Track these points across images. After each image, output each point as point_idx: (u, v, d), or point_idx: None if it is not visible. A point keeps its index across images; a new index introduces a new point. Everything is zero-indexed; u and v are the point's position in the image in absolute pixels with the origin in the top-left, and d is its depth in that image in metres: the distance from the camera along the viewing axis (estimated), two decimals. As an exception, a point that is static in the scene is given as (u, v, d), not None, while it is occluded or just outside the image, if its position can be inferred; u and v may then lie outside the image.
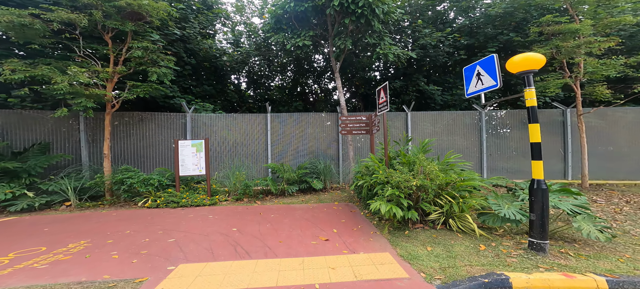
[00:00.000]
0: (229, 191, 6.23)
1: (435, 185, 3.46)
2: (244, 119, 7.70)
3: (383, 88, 4.66)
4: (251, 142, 7.74)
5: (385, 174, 3.84)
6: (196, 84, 8.92)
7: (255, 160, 7.70)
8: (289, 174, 6.82)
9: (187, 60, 8.37)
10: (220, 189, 6.29)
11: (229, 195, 6.21)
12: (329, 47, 8.02)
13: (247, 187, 5.98)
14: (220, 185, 6.52)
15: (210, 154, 7.33)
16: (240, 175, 6.14)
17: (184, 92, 8.43)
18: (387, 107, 4.43)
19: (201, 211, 5.23)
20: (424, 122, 8.34)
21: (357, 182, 4.89)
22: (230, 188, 6.18)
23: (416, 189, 3.47)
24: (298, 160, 8.13)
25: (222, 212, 5.17)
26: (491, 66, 3.23)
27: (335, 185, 8.10)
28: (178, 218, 4.77)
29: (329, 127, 8.38)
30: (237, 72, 10.95)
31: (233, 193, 6.19)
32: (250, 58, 11.39)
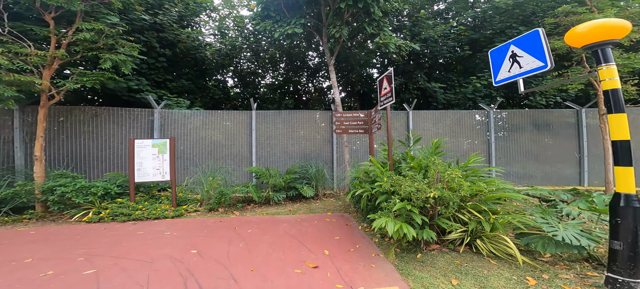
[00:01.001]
0: (200, 200, 5.25)
1: (459, 196, 2.63)
2: (225, 117, 6.76)
3: (386, 77, 3.84)
4: (233, 143, 6.79)
5: (391, 182, 2.99)
6: (173, 78, 7.94)
7: (237, 163, 6.75)
8: (275, 179, 5.91)
9: (161, 50, 7.39)
10: (190, 197, 5.29)
11: (200, 204, 5.22)
12: (322, 38, 7.21)
13: (222, 195, 5.02)
14: (191, 192, 5.52)
15: (182, 156, 6.32)
16: (213, 181, 5.17)
17: (157, 87, 7.44)
18: (392, 98, 3.60)
19: (158, 225, 4.22)
20: (426, 122, 7.58)
21: (354, 191, 4.03)
22: (202, 196, 5.20)
23: (434, 202, 2.62)
24: (287, 163, 7.22)
25: (186, 227, 4.19)
26: (535, 43, 2.44)
27: (329, 192, 7.22)
28: (119, 237, 3.74)
29: (322, 126, 7.52)
30: (223, 68, 10.03)
31: (206, 202, 5.21)
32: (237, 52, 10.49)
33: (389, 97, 3.73)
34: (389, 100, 3.70)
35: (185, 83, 7.99)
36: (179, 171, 6.27)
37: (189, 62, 8.58)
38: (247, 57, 11.85)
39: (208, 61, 8.91)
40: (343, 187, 7.24)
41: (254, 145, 6.80)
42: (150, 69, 7.38)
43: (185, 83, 7.99)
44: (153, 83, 7.36)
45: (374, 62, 10.22)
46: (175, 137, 6.01)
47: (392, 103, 3.60)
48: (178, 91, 7.86)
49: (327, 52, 6.95)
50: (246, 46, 11.05)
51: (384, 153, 4.27)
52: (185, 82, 7.96)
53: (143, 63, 7.00)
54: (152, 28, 7.27)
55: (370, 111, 5.36)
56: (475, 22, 8.15)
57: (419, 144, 3.97)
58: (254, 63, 11.75)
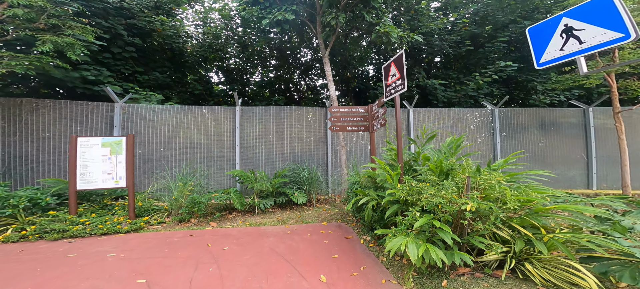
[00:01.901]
0: (168, 210, 4.38)
1: (504, 209, 1.98)
2: (204, 113, 5.91)
3: (395, 61, 3.19)
4: (214, 143, 5.94)
5: (408, 189, 2.32)
6: (144, 71, 7.00)
7: (218, 166, 5.91)
8: (261, 184, 5.13)
9: (129, 39, 6.46)
10: (155, 207, 4.41)
11: (168, 214, 4.35)
12: (316, 28, 6.54)
13: (195, 203, 4.17)
14: (158, 200, 4.63)
15: (151, 158, 5.39)
16: (185, 187, 4.32)
17: (125, 80, 6.51)
18: (404, 86, 2.94)
19: (103, 244, 3.33)
20: (427, 121, 7.04)
21: (356, 199, 3.33)
22: (170, 205, 4.33)
23: (470, 217, 1.96)
24: (276, 165, 6.45)
25: (142, 245, 3.32)
26: (605, 10, 1.83)
27: (323, 197, 6.50)
28: (39, 262, 2.85)
29: (316, 124, 6.81)
30: (206, 62, 9.16)
31: (175, 213, 4.34)
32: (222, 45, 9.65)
33: (398, 86, 3.08)
34: (399, 89, 3.04)
35: (159, 77, 7.07)
36: (145, 176, 5.34)
37: (165, 53, 7.68)
38: (234, 53, 11.03)
39: (187, 53, 8.02)
40: (339, 192, 6.54)
41: (238, 145, 5.98)
42: (116, 59, 6.43)
43: (159, 77, 7.07)
44: (119, 75, 6.43)
45: (370, 59, 9.66)
46: (143, 136, 5.14)
47: (403, 91, 2.94)
48: (150, 85, 6.94)
49: (321, 44, 6.28)
50: (234, 41, 10.24)
51: (390, 154, 3.61)
52: (159, 75, 7.03)
53: (105, 52, 6.06)
54: (119, 13, 6.35)
55: (371, 105, 4.71)
56: (477, 17, 7.73)
57: (432, 143, 3.33)
58: (242, 58, 10.94)
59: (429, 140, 3.26)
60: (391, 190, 2.49)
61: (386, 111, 3.92)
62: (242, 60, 11.11)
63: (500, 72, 7.21)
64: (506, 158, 2.58)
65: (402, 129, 7.11)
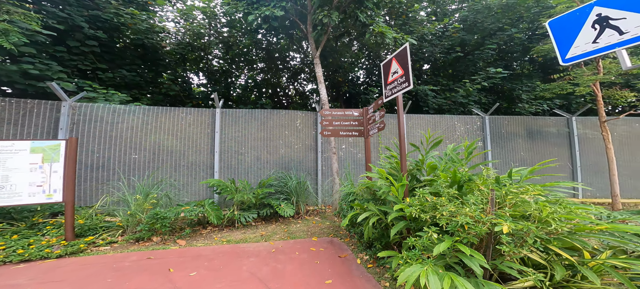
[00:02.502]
0: (123, 227, 3.65)
1: (543, 229, 1.63)
2: (178, 115, 5.23)
3: (397, 56, 2.84)
4: (190, 149, 5.26)
5: (420, 204, 1.92)
6: (109, 68, 6.20)
7: (194, 175, 5.22)
8: (242, 195, 4.54)
9: (90, 32, 5.68)
10: (105, 224, 3.65)
11: (123, 232, 3.62)
12: (307, 27, 6.18)
13: (158, 219, 3.50)
14: (110, 216, 3.87)
15: (106, 166, 4.57)
16: (144, 200, 3.64)
17: (83, 77, 5.70)
18: (409, 83, 2.58)
19: (19, 274, 2.60)
20: (419, 127, 6.84)
21: (352, 213, 2.89)
22: (125, 221, 3.60)
23: (506, 238, 1.57)
24: (261, 173, 5.88)
25: (75, 273, 2.61)
26: None
27: (312, 208, 6.01)
28: None
29: (305, 130, 6.36)
30: (185, 62, 8.45)
31: (131, 230, 3.62)
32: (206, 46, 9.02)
33: (402, 83, 2.72)
34: (403, 87, 2.69)
35: (127, 75, 6.27)
36: (99, 188, 4.51)
37: (137, 50, 6.92)
38: (218, 55, 10.39)
39: (163, 51, 7.30)
40: (330, 203, 6.08)
41: (217, 151, 5.35)
42: (73, 54, 5.62)
43: (127, 75, 6.27)
44: (76, 71, 5.61)
45: (361, 64, 9.46)
46: (99, 140, 4.39)
47: (408, 89, 2.59)
48: (115, 84, 6.14)
49: (312, 44, 5.91)
50: (218, 41, 9.62)
51: (390, 161, 3.23)
52: (126, 73, 6.23)
53: (57, 44, 5.25)
54: (80, 3, 5.58)
55: (366, 108, 4.34)
56: (466, 23, 7.80)
57: (436, 150, 2.99)
58: (227, 60, 10.32)
59: (434, 146, 2.91)
60: (400, 205, 2.08)
61: (384, 114, 3.56)
62: (226, 62, 10.49)
63: (490, 78, 7.25)
64: (532, 167, 2.27)
65: (393, 136, 6.86)
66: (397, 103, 2.75)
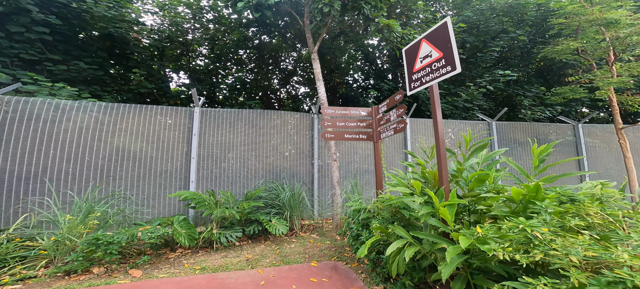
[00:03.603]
0: (52, 255, 2.64)
1: None
2: (146, 114, 4.31)
3: (429, 37, 2.21)
4: (160, 154, 4.32)
5: (504, 236, 1.23)
6: (63, 59, 5.18)
7: (165, 187, 4.27)
8: (223, 210, 3.68)
9: (40, 17, 4.69)
10: (23, 251, 2.63)
11: (49, 263, 2.61)
12: (304, 20, 5.53)
13: (100, 245, 2.54)
14: (28, 241, 2.82)
15: (38, 177, 3.46)
16: (79, 220, 2.67)
17: (27, 68, 4.67)
18: (454, 66, 1.93)
19: None
20: (425, 133, 6.31)
21: (372, 239, 2.16)
22: (51, 249, 2.58)
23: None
24: (248, 183, 5.04)
25: None
26: None
27: (308, 221, 5.22)
28: None
29: (300, 133, 5.62)
30: (163, 57, 7.51)
31: (60, 259, 2.61)
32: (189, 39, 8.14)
33: (442, 68, 2.07)
34: (442, 73, 2.04)
35: (85, 68, 5.24)
36: (18, 203, 3.43)
37: (103, 41, 5.93)
38: (204, 53, 9.51)
39: (135, 43, 6.34)
40: (329, 216, 5.32)
41: (194, 157, 4.45)
42: (14, 41, 4.60)
43: (85, 68, 5.24)
44: (16, 60, 4.58)
45: (356, 67, 8.94)
46: (33, 143, 3.41)
47: (451, 75, 1.94)
48: (70, 78, 5.12)
49: (309, 38, 5.26)
50: (204, 38, 8.76)
51: (414, 171, 2.56)
52: (84, 66, 5.21)
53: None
54: None
55: (375, 107, 3.68)
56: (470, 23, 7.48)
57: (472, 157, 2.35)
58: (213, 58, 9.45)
59: (475, 152, 2.27)
60: (467, 239, 1.37)
61: (405, 111, 2.89)
62: (211, 61, 9.62)
63: (495, 82, 6.91)
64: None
65: (398, 143, 6.27)
66: (431, 96, 2.09)
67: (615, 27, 4.59)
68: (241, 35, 7.92)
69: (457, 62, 1.88)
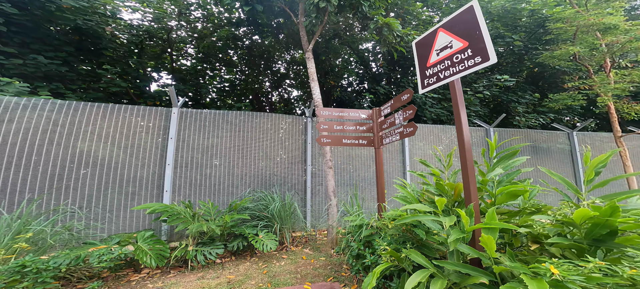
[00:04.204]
0: None
1: None
2: (108, 114, 3.72)
3: (449, 26, 1.88)
4: (128, 161, 3.74)
5: (590, 277, 0.87)
6: (20, 53, 4.52)
7: (133, 197, 3.70)
8: (201, 224, 3.17)
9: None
10: None
11: None
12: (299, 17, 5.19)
13: (27, 273, 1.96)
14: None
15: None
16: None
17: None
18: (486, 57, 1.60)
19: None
20: (418, 139, 6.05)
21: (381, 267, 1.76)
22: None
23: None
24: (234, 193, 4.54)
25: None
26: None
27: (300, 233, 4.76)
28: None
29: (292, 138, 5.19)
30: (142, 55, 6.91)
31: None
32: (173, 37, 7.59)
33: (468, 59, 1.73)
34: (468, 66, 1.70)
35: (45, 63, 4.57)
36: None
37: (71, 34, 5.29)
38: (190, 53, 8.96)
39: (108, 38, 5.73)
40: (323, 227, 4.89)
41: (170, 163, 3.91)
42: None
43: (45, 63, 4.57)
44: None
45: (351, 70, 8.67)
46: None
47: (485, 66, 1.60)
48: (24, 74, 4.47)
49: (303, 35, 4.89)
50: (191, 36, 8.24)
51: (425, 182, 2.20)
52: (44, 61, 4.55)
53: None
54: None
55: (377, 109, 3.33)
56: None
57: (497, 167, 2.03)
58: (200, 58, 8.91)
59: (502, 161, 1.94)
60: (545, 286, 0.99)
61: (414, 113, 2.54)
62: (199, 60, 9.07)
63: (492, 87, 6.81)
64: None
65: (396, 151, 5.96)
66: (452, 94, 1.75)
67: (614, 33, 4.54)
68: (230, 33, 7.47)
69: (491, 51, 1.55)
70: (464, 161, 1.56)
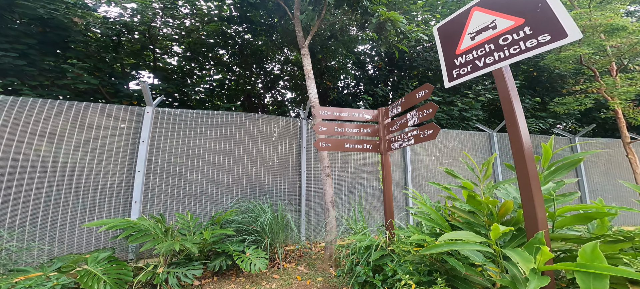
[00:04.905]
0: None
1: None
2: (64, 112, 3.12)
3: (486, 2, 1.51)
4: (91, 167, 3.15)
5: None
6: None
7: (94, 209, 3.10)
8: (171, 243, 2.63)
9: None
10: None
11: None
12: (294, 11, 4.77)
13: None
14: None
15: None
16: None
17: None
18: (565, 32, 1.20)
19: None
20: (421, 145, 5.70)
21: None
22: None
23: None
24: (220, 202, 4.00)
25: None
26: None
27: (293, 246, 4.26)
28: None
29: (285, 142, 4.71)
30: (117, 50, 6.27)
31: None
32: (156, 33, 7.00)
33: (523, 42, 1.31)
34: (527, 48, 1.29)
35: None
36: None
37: (29, 25, 4.64)
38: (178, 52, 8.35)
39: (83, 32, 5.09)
40: (319, 239, 4.40)
41: (140, 170, 3.33)
42: None
43: None
44: None
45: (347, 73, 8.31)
46: None
47: (551, 48, 1.20)
48: None
49: (299, 31, 4.46)
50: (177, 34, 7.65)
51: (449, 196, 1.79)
52: None
53: None
54: None
55: (383, 109, 2.91)
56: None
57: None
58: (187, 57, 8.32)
59: (558, 171, 1.54)
60: None
61: (434, 112, 2.12)
62: (186, 59, 8.47)
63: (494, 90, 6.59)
64: None
65: (397, 158, 5.57)
66: (500, 84, 1.34)
67: (619, 35, 4.35)
68: (219, 28, 6.95)
69: (569, 24, 1.14)
70: (524, 171, 1.15)
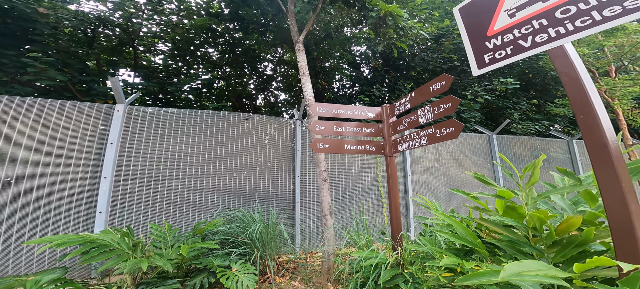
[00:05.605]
0: None
1: None
2: (13, 110, 2.67)
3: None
4: (46, 173, 2.66)
5: None
6: None
7: (48, 222, 2.62)
8: (137, 261, 2.20)
9: None
10: None
11: None
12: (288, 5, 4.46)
13: None
14: None
15: None
16: None
17: None
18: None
19: None
20: (421, 148, 5.46)
21: None
22: None
23: None
24: (206, 209, 3.58)
25: None
26: None
27: (286, 257, 3.87)
28: None
29: (277, 144, 4.35)
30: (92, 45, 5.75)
31: None
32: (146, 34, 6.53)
33: (600, 10, 1.05)
34: (607, 17, 1.01)
35: None
36: None
37: None
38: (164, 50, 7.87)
39: (44, 23, 4.57)
40: (315, 249, 4.03)
41: (106, 176, 2.87)
42: None
43: None
44: None
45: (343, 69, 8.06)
46: None
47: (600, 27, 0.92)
48: None
49: (293, 25, 4.14)
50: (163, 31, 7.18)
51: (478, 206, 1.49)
52: None
53: None
54: None
55: (389, 105, 2.61)
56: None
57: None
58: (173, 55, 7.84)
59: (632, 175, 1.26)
60: None
61: (455, 107, 1.83)
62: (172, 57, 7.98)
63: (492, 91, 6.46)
64: None
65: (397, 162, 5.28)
66: (562, 65, 1.06)
67: (616, 36, 4.28)
68: (207, 24, 6.55)
69: None
70: (613, 176, 0.85)
